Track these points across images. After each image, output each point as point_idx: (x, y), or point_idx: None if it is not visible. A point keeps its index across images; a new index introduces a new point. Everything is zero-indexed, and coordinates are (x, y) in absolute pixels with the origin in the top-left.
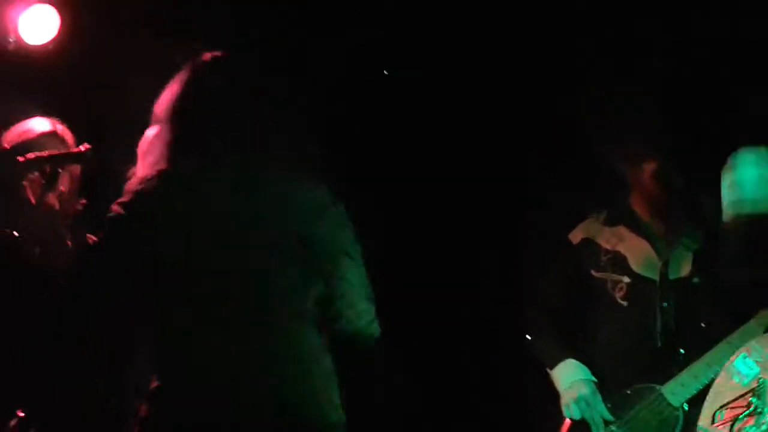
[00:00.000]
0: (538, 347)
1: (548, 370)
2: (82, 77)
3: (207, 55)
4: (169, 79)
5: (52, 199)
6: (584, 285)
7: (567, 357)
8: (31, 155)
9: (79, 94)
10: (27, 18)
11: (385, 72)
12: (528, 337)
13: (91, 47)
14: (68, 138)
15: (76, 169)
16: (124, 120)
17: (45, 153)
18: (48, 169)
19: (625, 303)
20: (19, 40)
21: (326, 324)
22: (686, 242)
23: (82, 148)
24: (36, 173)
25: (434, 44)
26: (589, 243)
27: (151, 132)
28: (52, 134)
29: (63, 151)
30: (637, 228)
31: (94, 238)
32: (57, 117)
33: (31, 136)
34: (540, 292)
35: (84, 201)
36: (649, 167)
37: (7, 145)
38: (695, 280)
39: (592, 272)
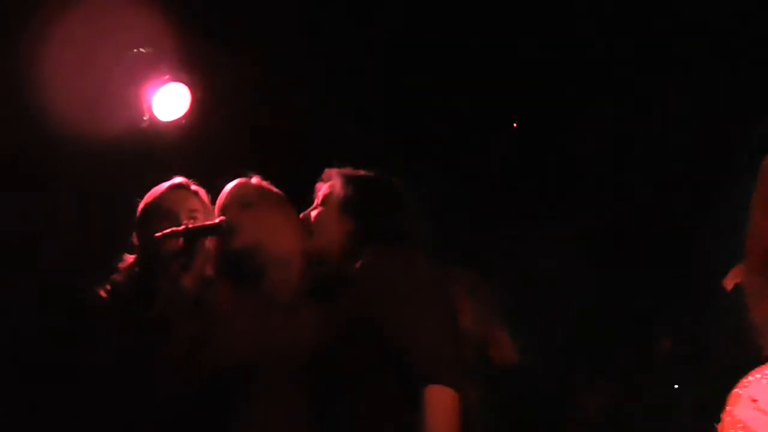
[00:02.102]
0: None
1: None
2: (211, 150)
3: None
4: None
5: (187, 280)
6: None
7: None
8: (167, 231)
9: (207, 168)
10: (160, 96)
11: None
12: None
13: (220, 121)
14: (201, 193)
15: (212, 242)
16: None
17: (181, 227)
18: (183, 244)
19: None
20: (152, 117)
21: None
22: None
23: (217, 220)
24: (172, 249)
25: None
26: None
27: None
28: (181, 186)
29: (195, 224)
30: None
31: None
32: None
33: (159, 191)
34: None
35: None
36: None
37: (139, 213)
38: None
39: None
